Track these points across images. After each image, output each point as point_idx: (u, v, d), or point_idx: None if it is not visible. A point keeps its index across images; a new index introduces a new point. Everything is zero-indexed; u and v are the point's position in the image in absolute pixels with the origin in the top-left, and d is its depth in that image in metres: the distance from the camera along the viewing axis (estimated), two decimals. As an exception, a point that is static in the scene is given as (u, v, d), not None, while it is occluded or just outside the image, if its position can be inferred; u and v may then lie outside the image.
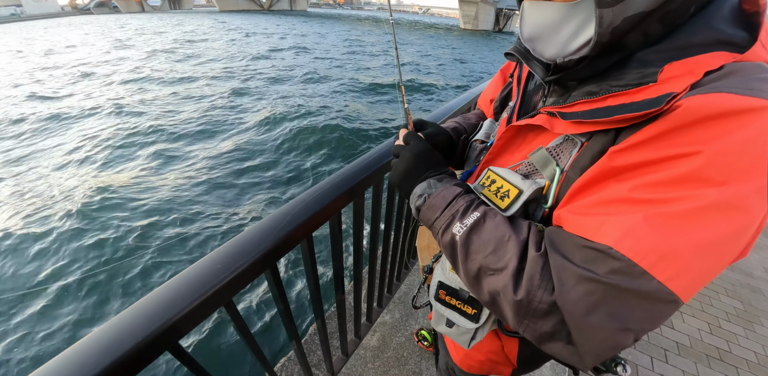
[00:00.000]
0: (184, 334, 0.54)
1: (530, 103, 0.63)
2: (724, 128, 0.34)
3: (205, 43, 20.98)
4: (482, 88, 2.04)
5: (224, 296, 0.58)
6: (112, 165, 6.21)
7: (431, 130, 0.74)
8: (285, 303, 0.81)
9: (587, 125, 0.45)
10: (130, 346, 0.46)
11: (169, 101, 9.27)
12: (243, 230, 0.66)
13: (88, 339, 0.47)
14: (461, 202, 0.52)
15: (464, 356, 0.81)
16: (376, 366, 1.55)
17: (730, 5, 0.41)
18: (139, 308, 0.51)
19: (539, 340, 0.42)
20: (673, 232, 0.35)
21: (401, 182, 0.62)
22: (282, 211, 0.71)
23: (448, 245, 0.51)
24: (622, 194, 0.38)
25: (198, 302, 0.53)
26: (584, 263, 0.38)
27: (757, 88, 0.34)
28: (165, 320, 0.50)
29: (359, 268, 1.23)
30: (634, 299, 0.36)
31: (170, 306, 0.51)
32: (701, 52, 0.39)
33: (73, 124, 7.84)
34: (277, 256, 0.66)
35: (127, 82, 11.35)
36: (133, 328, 0.48)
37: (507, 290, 0.42)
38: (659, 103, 0.37)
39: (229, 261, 0.58)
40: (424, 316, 1.84)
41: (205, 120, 8.01)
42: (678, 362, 1.89)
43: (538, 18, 0.47)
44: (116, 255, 4.15)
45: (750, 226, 0.35)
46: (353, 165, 0.89)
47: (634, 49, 0.43)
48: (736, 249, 0.36)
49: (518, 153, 0.58)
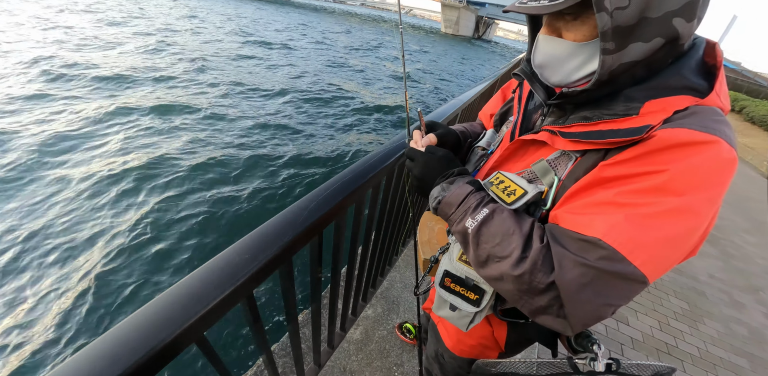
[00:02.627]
0: (211, 326, 0.54)
1: (530, 120, 0.74)
2: (685, 154, 0.46)
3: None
4: (467, 97, 2.19)
5: (249, 287, 0.60)
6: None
7: (442, 132, 0.83)
8: (293, 300, 0.84)
9: (583, 144, 0.55)
10: (164, 337, 0.46)
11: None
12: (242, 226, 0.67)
13: (121, 328, 0.46)
14: (472, 200, 0.60)
15: (457, 341, 0.89)
16: (359, 358, 1.60)
17: (697, 58, 0.53)
18: (171, 296, 0.51)
19: (534, 312, 0.53)
20: (645, 228, 0.45)
21: (418, 186, 0.72)
22: (299, 205, 0.74)
23: (461, 235, 0.60)
24: (608, 198, 0.49)
25: (229, 291, 0.54)
26: (579, 251, 0.48)
27: (711, 127, 0.46)
28: (197, 309, 0.50)
29: (353, 263, 1.28)
30: (615, 279, 0.46)
31: (202, 295, 0.52)
32: (672, 94, 0.51)
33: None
34: (295, 249, 0.69)
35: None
36: (165, 319, 0.48)
37: (510, 271, 0.51)
38: (641, 132, 0.48)
39: (255, 251, 0.60)
40: (405, 310, 1.91)
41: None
42: (632, 355, 2.08)
43: (550, 50, 0.59)
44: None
45: (700, 226, 0.46)
46: (363, 161, 0.94)
47: (623, 86, 0.54)
48: (690, 244, 0.48)
49: (520, 162, 0.67)
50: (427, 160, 0.71)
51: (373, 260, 1.56)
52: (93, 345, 0.44)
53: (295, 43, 18.61)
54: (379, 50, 22.52)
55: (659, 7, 0.46)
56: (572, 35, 0.55)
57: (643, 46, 0.48)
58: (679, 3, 0.46)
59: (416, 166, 0.72)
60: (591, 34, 0.53)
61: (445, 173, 0.68)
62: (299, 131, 7.47)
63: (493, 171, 0.70)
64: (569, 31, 0.55)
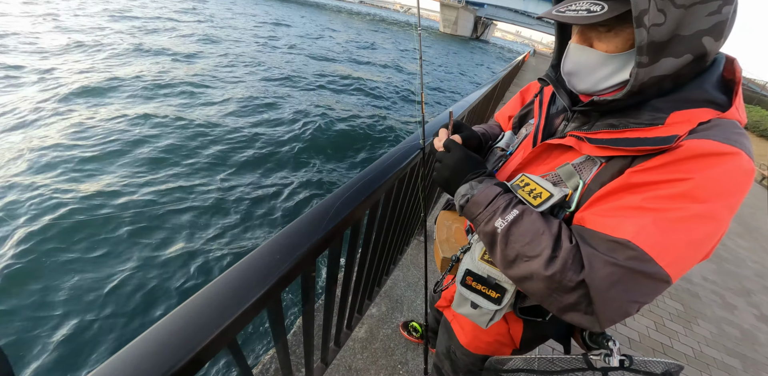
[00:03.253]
0: (242, 329, 0.53)
1: (552, 125, 0.76)
2: (709, 163, 0.49)
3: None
4: (473, 99, 2.22)
5: (279, 289, 0.60)
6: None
7: (467, 133, 0.86)
8: (312, 300, 0.85)
9: (610, 150, 0.57)
10: (198, 341, 0.45)
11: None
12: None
13: (157, 331, 0.45)
14: (501, 200, 0.62)
15: (473, 338, 0.91)
16: (364, 357, 1.62)
17: (717, 74, 0.56)
18: (204, 298, 0.50)
19: (562, 310, 0.54)
20: (671, 232, 0.48)
21: (446, 184, 0.73)
22: (324, 204, 0.75)
23: (489, 235, 0.61)
24: (636, 203, 0.51)
25: (261, 293, 0.53)
26: (608, 251, 0.50)
27: (733, 139, 0.49)
28: (232, 312, 0.49)
29: (363, 262, 1.29)
30: (643, 278, 0.48)
31: (236, 298, 0.51)
32: (695, 107, 0.54)
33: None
34: (320, 250, 0.70)
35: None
36: (203, 322, 0.47)
37: (540, 271, 0.53)
38: (671, 141, 0.51)
39: (286, 253, 0.61)
40: (409, 309, 1.93)
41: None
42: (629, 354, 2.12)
43: (581, 59, 0.61)
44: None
45: (720, 231, 0.49)
46: (382, 161, 0.97)
47: (649, 97, 0.56)
48: (709, 247, 0.51)
49: (544, 165, 0.69)
50: (464, 154, 0.72)
51: (381, 259, 1.57)
52: (127, 350, 0.43)
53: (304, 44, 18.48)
54: (377, 49, 22.43)
55: (691, 26, 0.49)
56: (604, 46, 0.57)
57: (673, 61, 0.51)
58: (709, 23, 0.49)
59: (451, 158, 0.73)
60: (622, 47, 0.56)
61: (477, 171, 0.69)
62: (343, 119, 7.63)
63: (517, 173, 0.73)
64: (601, 42, 0.57)
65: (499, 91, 4.52)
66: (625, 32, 0.54)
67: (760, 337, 2.68)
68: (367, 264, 1.43)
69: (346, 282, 1.21)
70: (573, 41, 0.62)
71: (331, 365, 1.53)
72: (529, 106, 0.90)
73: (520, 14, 58.96)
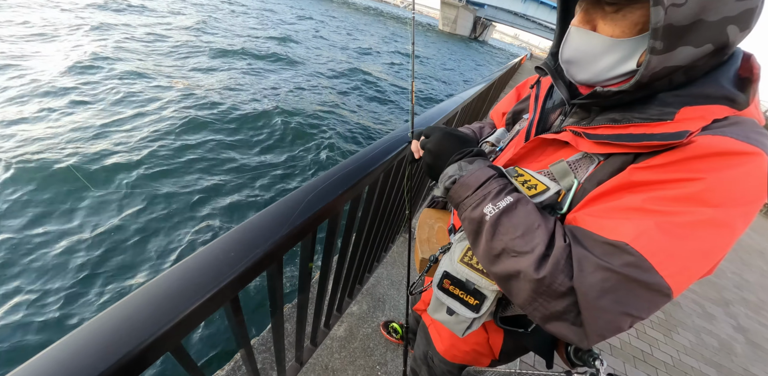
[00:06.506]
0: (188, 333, 0.47)
1: (547, 120, 0.69)
2: (725, 163, 0.42)
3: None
4: (467, 96, 2.16)
5: (234, 289, 0.53)
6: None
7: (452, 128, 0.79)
8: (281, 299, 0.79)
9: (610, 147, 0.51)
10: (134, 346, 0.39)
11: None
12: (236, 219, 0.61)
13: (82, 333, 0.39)
14: (494, 184, 0.54)
15: (450, 346, 0.84)
16: (342, 356, 1.56)
17: (734, 69, 0.50)
18: (144, 297, 0.44)
19: (547, 318, 0.48)
20: (677, 238, 0.42)
21: (430, 170, 0.65)
22: (294, 197, 0.68)
23: (475, 222, 0.54)
24: (636, 204, 0.45)
25: (211, 294, 0.47)
26: (603, 255, 0.44)
27: (753, 138, 0.43)
28: (176, 314, 0.43)
29: (343, 258, 1.23)
30: (639, 289, 0.42)
31: (183, 297, 0.45)
32: (709, 103, 0.47)
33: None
34: (288, 246, 0.63)
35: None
36: (138, 324, 0.41)
37: (529, 271, 0.46)
38: (681, 136, 0.44)
39: (242, 249, 0.53)
40: (391, 308, 1.87)
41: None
42: (610, 361, 2.11)
43: (582, 45, 0.54)
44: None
45: (731, 242, 0.43)
46: (366, 152, 0.90)
47: (658, 90, 0.50)
48: (718, 258, 0.44)
49: (537, 162, 0.63)
50: (445, 134, 0.65)
51: (362, 256, 1.51)
52: (39, 358, 0.36)
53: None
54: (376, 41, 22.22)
55: (717, 11, 0.42)
56: (609, 29, 0.50)
57: (692, 50, 0.44)
58: (737, 9, 0.43)
59: (431, 142, 0.65)
60: (630, 31, 0.49)
61: (463, 150, 0.62)
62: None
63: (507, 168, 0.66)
64: (607, 25, 0.51)
65: (494, 91, 4.47)
66: (635, 14, 0.47)
67: (737, 347, 2.71)
68: (348, 261, 1.37)
69: (323, 279, 1.15)
70: (574, 23, 0.55)
71: (306, 365, 1.47)
72: (525, 102, 0.84)
73: (519, 17, 59.09)
